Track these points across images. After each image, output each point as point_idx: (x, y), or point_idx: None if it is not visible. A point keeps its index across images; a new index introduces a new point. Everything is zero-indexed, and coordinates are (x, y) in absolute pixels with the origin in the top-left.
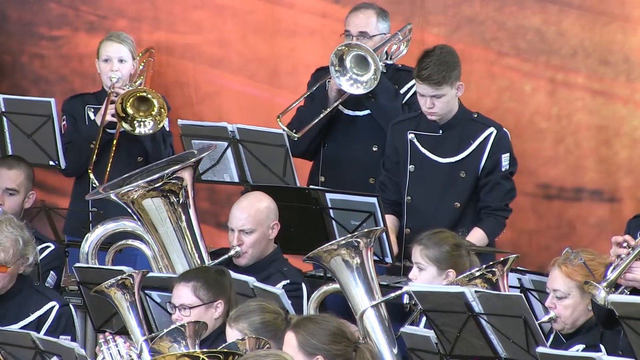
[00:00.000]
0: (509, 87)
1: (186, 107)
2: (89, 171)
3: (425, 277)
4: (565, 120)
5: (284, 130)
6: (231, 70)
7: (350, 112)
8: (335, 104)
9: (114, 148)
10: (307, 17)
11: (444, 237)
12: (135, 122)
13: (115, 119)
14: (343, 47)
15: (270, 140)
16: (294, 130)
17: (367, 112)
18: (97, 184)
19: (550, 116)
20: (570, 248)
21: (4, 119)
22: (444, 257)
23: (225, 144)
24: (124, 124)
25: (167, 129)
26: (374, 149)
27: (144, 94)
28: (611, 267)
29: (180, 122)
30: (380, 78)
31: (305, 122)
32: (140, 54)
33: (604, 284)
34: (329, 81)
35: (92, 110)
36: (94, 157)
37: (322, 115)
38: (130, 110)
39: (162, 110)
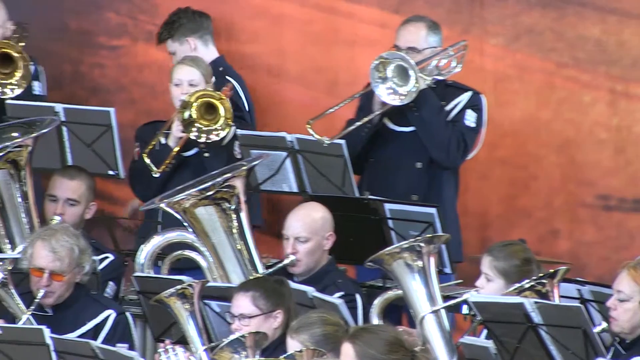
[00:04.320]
0: (568, 98)
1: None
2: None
3: (492, 289)
4: (625, 131)
5: (314, 136)
6: (290, 80)
7: (396, 128)
8: (376, 113)
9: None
10: (366, 27)
11: (515, 250)
12: (199, 130)
13: (183, 134)
14: (386, 57)
15: (329, 150)
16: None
17: (412, 128)
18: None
19: (610, 127)
20: None
21: (64, 128)
22: (512, 271)
23: (284, 154)
24: (192, 134)
25: (238, 153)
26: (418, 165)
27: (212, 99)
28: None
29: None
30: (425, 92)
31: (352, 133)
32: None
33: None
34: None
35: (163, 135)
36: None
37: (359, 123)
38: (194, 115)
39: (228, 120)
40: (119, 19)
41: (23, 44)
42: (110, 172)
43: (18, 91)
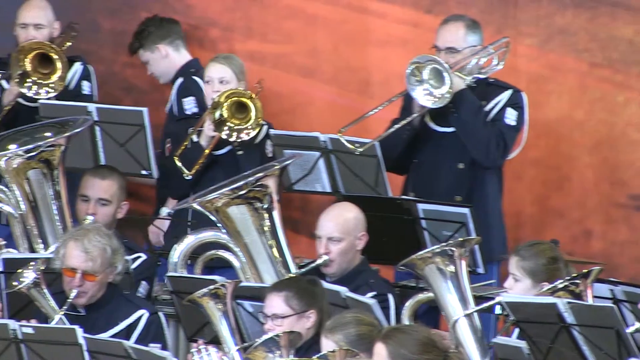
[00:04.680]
0: (602, 98)
1: (277, 117)
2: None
3: (519, 289)
4: None
5: (346, 144)
6: (322, 80)
7: (439, 128)
8: (415, 115)
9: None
10: (399, 27)
11: (542, 249)
12: (230, 129)
13: (215, 133)
14: (421, 63)
15: (362, 150)
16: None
17: (454, 128)
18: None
19: None
20: None
21: (97, 128)
22: (539, 270)
23: (317, 154)
24: (223, 133)
25: (270, 152)
26: (460, 166)
27: (243, 98)
28: None
29: (272, 131)
30: (464, 92)
31: (395, 135)
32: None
33: None
34: None
35: (196, 133)
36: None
37: (398, 125)
38: (225, 114)
39: (259, 119)
40: None
41: (69, 43)
42: (143, 172)
43: (52, 94)
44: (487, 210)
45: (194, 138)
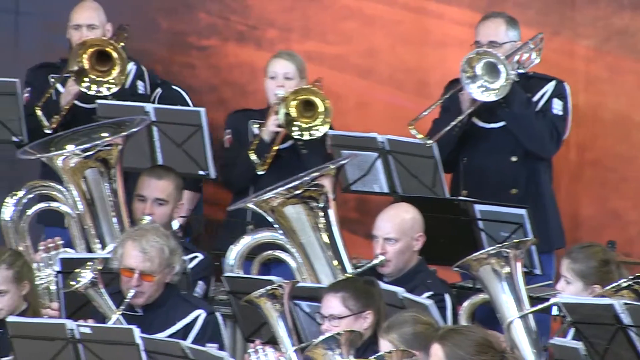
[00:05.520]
0: None
1: (334, 117)
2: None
3: (571, 291)
4: None
5: (416, 136)
6: (379, 81)
7: (486, 125)
8: (468, 112)
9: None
10: (456, 28)
11: (593, 252)
12: (300, 128)
13: (280, 129)
14: (474, 55)
15: (420, 151)
16: (428, 137)
17: (501, 123)
18: None
19: None
20: None
21: (154, 128)
22: (590, 272)
23: (375, 154)
24: (294, 133)
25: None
26: (513, 159)
27: (312, 96)
28: None
29: (329, 132)
30: (513, 87)
31: (445, 134)
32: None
33: None
34: (461, 92)
35: (258, 125)
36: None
37: (454, 123)
38: (294, 113)
39: (327, 117)
40: (209, 19)
41: (122, 44)
42: (201, 172)
43: (114, 89)
44: (543, 201)
45: (255, 130)
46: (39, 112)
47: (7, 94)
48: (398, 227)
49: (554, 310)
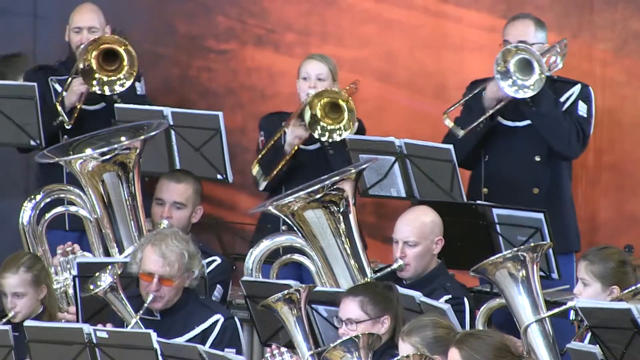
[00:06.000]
0: None
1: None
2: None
3: (589, 293)
4: None
5: (450, 125)
6: (398, 85)
7: (510, 123)
8: (496, 108)
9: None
10: (474, 32)
11: (610, 253)
12: (322, 129)
13: (299, 139)
14: (513, 48)
15: (438, 155)
16: (460, 127)
17: (527, 122)
18: None
19: None
20: None
21: (172, 132)
22: (608, 273)
23: (393, 158)
24: (315, 134)
25: None
26: (537, 159)
27: (339, 100)
28: None
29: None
30: (541, 87)
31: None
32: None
33: None
34: (484, 92)
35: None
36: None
37: (481, 119)
38: (319, 114)
39: (350, 122)
40: (228, 23)
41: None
42: (219, 177)
43: (128, 83)
44: (563, 202)
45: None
46: (59, 108)
47: (25, 98)
48: (417, 230)
49: (571, 315)
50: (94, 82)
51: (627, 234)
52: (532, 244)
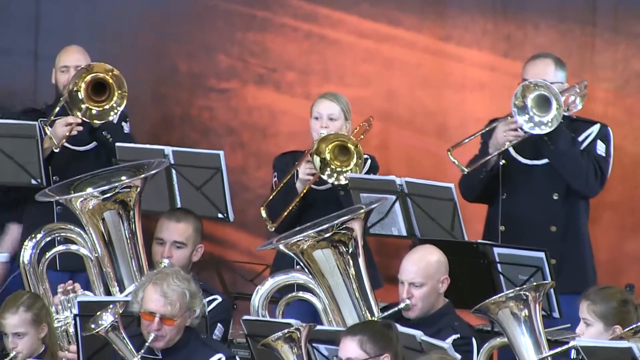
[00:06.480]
0: None
1: None
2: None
3: (591, 333)
4: None
5: (454, 162)
6: (399, 124)
7: (529, 162)
8: (506, 146)
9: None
10: (476, 71)
11: (612, 293)
12: (332, 171)
13: (309, 177)
14: (532, 84)
15: (439, 194)
16: (465, 165)
17: (545, 161)
18: None
19: None
20: None
21: (173, 171)
22: (611, 313)
23: (394, 197)
24: (325, 175)
25: None
26: (555, 197)
27: (347, 143)
28: None
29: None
30: (559, 125)
31: (478, 166)
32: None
33: None
34: (495, 132)
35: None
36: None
37: (489, 157)
38: (328, 156)
39: (358, 166)
40: (229, 62)
41: None
42: (220, 215)
43: (120, 109)
44: (582, 241)
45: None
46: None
47: (26, 137)
48: (423, 271)
49: (573, 354)
50: (82, 107)
51: (627, 274)
52: (535, 283)
